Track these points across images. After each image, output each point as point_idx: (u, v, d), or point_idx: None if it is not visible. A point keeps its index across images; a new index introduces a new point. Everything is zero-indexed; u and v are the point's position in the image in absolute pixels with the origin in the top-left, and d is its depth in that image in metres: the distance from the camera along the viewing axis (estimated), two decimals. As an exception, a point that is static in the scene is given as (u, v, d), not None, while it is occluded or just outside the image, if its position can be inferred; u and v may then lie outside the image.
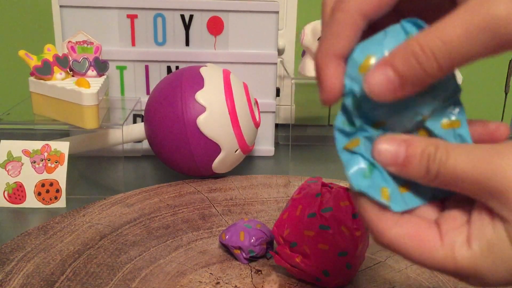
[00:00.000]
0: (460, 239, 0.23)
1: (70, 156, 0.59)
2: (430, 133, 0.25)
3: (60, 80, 0.61)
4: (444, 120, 0.25)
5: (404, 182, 0.25)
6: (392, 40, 0.23)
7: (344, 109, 0.25)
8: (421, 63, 0.22)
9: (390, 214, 0.24)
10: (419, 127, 0.25)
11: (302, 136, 0.87)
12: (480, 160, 0.22)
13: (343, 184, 0.58)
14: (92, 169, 0.72)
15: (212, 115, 0.60)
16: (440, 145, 0.23)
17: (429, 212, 0.25)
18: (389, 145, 0.24)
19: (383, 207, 0.24)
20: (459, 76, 0.91)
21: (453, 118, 0.25)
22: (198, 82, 0.62)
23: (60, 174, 0.58)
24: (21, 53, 0.60)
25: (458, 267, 0.23)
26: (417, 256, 0.24)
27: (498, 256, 0.22)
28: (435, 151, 0.23)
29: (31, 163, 0.58)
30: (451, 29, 0.21)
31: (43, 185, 0.58)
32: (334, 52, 0.24)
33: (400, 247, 0.24)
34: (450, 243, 0.23)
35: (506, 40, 0.21)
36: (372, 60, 0.23)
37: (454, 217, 0.24)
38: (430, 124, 0.25)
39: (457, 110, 0.25)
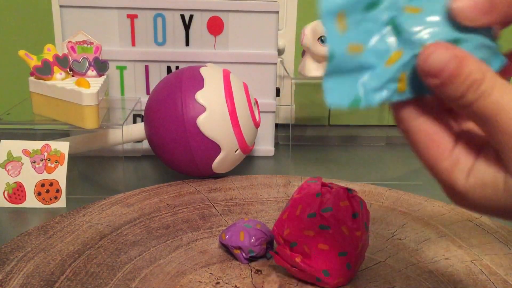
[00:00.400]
0: (462, 166, 0.24)
1: (70, 156, 0.59)
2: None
3: (60, 80, 0.61)
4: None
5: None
6: None
7: None
8: None
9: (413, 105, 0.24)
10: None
11: (302, 136, 0.87)
12: None
13: (343, 184, 0.58)
14: (92, 169, 0.72)
15: (212, 115, 0.60)
16: (488, 75, 0.22)
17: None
18: (443, 54, 0.22)
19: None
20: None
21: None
22: (198, 82, 0.62)
23: (60, 174, 0.58)
24: (21, 53, 0.60)
25: (452, 184, 0.24)
26: (425, 158, 0.24)
27: (488, 198, 0.23)
28: (482, 80, 0.22)
29: (31, 163, 0.58)
30: None
31: (43, 185, 0.58)
32: None
33: (415, 141, 0.24)
34: (454, 160, 0.24)
35: None
36: None
37: (468, 145, 0.25)
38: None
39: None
